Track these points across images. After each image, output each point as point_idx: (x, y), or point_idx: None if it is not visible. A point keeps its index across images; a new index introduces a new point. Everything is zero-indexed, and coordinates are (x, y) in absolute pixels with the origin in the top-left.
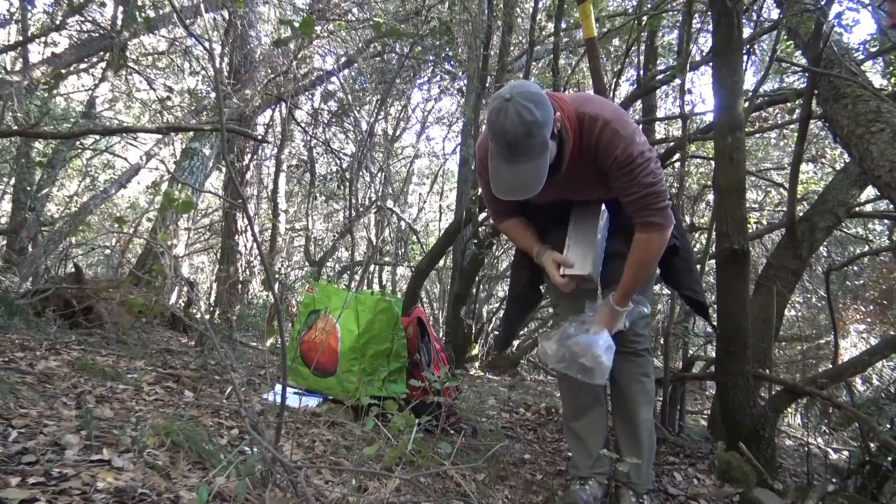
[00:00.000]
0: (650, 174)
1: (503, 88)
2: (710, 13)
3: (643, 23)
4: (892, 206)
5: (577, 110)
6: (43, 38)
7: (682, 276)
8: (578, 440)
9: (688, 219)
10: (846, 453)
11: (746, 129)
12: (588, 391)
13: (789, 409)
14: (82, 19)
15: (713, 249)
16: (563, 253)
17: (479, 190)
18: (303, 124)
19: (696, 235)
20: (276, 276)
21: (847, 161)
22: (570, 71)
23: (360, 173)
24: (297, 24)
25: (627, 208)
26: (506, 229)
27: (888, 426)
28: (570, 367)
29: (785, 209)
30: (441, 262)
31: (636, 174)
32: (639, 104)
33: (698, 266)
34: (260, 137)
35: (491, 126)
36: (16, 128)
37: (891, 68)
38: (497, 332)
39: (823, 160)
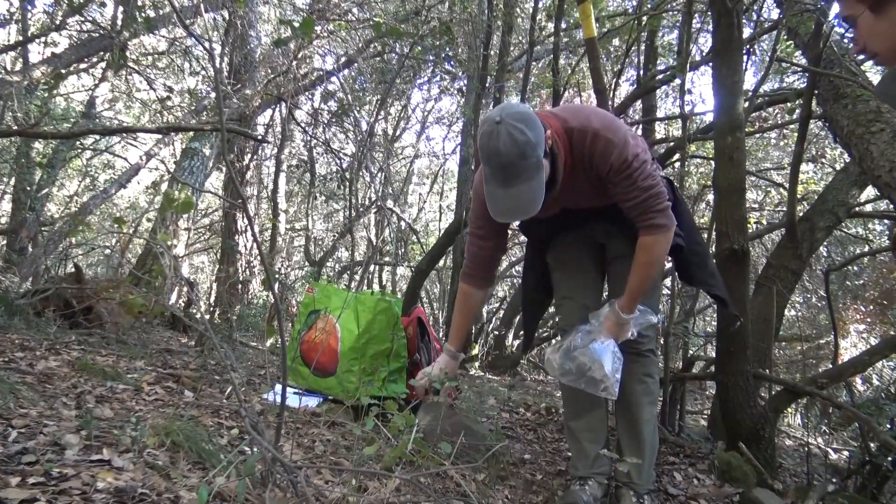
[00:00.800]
0: (648, 177)
1: (491, 111)
2: (710, 13)
3: (643, 23)
4: (892, 206)
5: (563, 126)
6: (43, 38)
7: (696, 271)
8: (578, 440)
9: None
10: (846, 453)
11: (746, 129)
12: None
13: (789, 409)
14: (82, 19)
15: (713, 249)
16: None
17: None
18: (303, 124)
19: None
20: (276, 276)
21: (847, 161)
22: (570, 71)
23: (360, 173)
24: (297, 24)
25: (629, 213)
26: (460, 292)
27: (888, 426)
28: (578, 380)
29: (785, 209)
30: (441, 262)
31: (635, 178)
32: (639, 104)
33: None
34: (260, 137)
35: (483, 150)
36: (16, 128)
37: None
38: (496, 333)
39: (823, 160)
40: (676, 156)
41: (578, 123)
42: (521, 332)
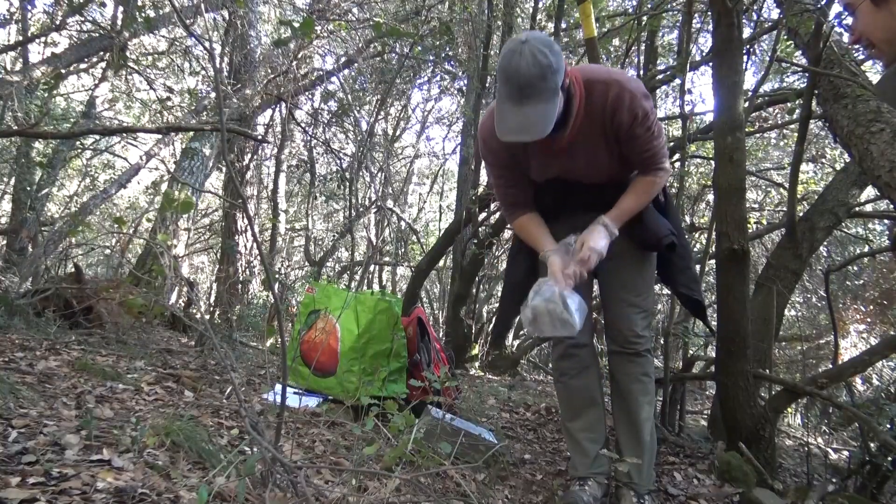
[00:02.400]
0: (659, 129)
1: (517, 35)
2: (710, 13)
3: (643, 23)
4: (892, 205)
5: (583, 77)
6: (43, 38)
7: (679, 274)
8: (576, 441)
9: (688, 219)
10: (846, 453)
11: (746, 129)
12: (584, 392)
13: (789, 409)
14: (82, 19)
15: (713, 249)
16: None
17: (490, 180)
18: (303, 124)
19: (696, 235)
20: (276, 276)
21: (847, 161)
22: None
23: (360, 173)
24: (297, 25)
25: (643, 164)
26: (519, 227)
27: (888, 426)
28: (542, 324)
29: (785, 209)
30: (441, 262)
31: (653, 130)
32: None
33: (698, 266)
34: (260, 137)
35: (504, 68)
36: (16, 128)
37: None
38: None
39: (823, 160)
40: (676, 156)
41: (600, 77)
42: (495, 325)
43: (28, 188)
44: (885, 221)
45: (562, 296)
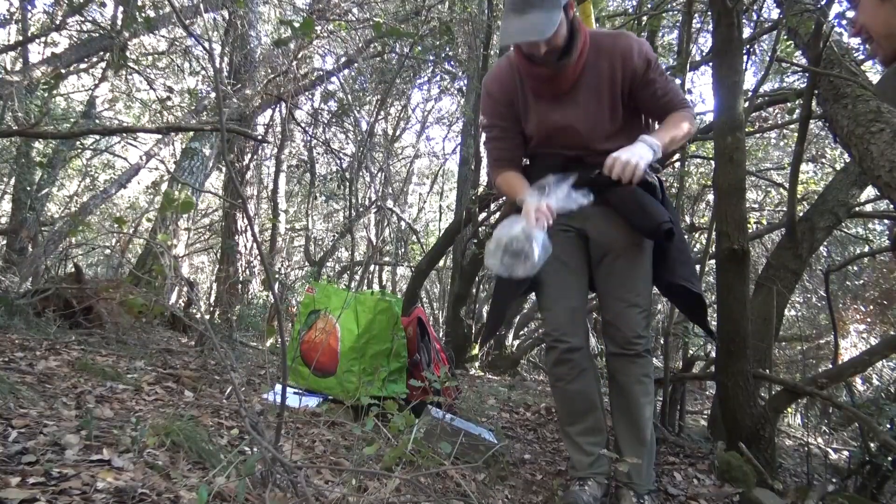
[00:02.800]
0: (670, 77)
1: None
2: (710, 13)
3: (643, 23)
4: (892, 205)
5: (590, 34)
6: (43, 38)
7: (678, 266)
8: (576, 444)
9: (688, 219)
10: (846, 453)
11: (746, 129)
12: (582, 397)
13: (789, 409)
14: (82, 19)
15: (713, 249)
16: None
17: (484, 135)
18: (303, 124)
19: (696, 235)
20: (276, 276)
21: (847, 161)
22: None
23: (360, 173)
24: (297, 25)
25: (664, 109)
26: (501, 182)
27: (888, 426)
28: (501, 260)
29: (785, 209)
30: (441, 262)
31: (665, 74)
32: None
33: (697, 266)
34: (260, 137)
35: None
36: (16, 128)
37: None
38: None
39: (823, 160)
40: (676, 156)
41: (606, 32)
42: (489, 316)
43: (28, 188)
44: (885, 221)
45: (527, 230)
